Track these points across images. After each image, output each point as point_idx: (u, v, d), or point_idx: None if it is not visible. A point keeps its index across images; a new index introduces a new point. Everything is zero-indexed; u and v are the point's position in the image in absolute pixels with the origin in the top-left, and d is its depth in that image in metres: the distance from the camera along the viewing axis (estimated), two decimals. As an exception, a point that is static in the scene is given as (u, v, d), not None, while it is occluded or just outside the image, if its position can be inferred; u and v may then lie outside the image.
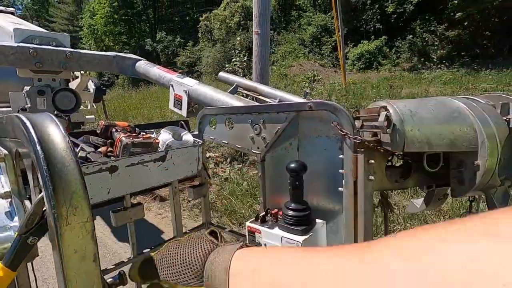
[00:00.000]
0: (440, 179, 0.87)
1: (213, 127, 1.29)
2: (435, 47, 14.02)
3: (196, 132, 1.31)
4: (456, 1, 12.93)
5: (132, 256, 1.10)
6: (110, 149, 0.93)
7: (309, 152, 1.07)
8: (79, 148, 0.88)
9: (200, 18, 22.07)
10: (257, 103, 1.18)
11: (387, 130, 0.74)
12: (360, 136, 0.87)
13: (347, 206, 0.88)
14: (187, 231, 1.30)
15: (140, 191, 1.01)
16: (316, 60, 15.67)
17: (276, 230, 0.96)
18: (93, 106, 3.70)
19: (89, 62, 1.59)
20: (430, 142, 0.74)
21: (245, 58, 5.16)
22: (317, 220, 1.00)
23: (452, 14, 13.32)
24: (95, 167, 0.81)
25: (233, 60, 5.25)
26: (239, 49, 5.32)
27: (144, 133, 1.05)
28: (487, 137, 0.73)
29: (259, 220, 1.01)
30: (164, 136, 1.07)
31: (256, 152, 1.12)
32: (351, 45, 15.59)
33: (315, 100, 0.92)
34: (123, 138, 0.87)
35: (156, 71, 1.60)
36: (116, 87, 22.33)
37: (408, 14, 14.85)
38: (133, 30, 29.91)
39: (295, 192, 0.95)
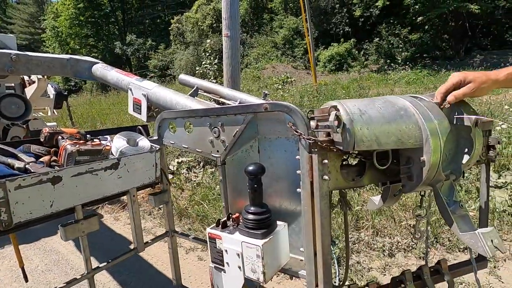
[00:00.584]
0: (393, 175, 0.90)
1: (173, 131, 1.25)
2: (400, 50, 14.75)
3: (156, 137, 1.26)
4: (417, 6, 13.70)
5: (86, 272, 1.03)
6: (54, 158, 0.86)
7: (270, 153, 1.06)
8: (15, 158, 0.80)
9: (172, 21, 21.67)
10: (216, 106, 1.16)
11: (337, 129, 0.75)
12: (314, 137, 0.87)
13: (305, 207, 0.88)
14: (149, 241, 1.24)
15: (92, 202, 0.95)
16: (289, 62, 15.91)
17: (237, 235, 0.94)
18: (54, 112, 3.48)
19: (39, 65, 1.48)
20: (379, 140, 0.76)
21: (216, 60, 5.11)
22: (278, 222, 1.00)
23: (413, 18, 14.09)
24: (34, 178, 0.74)
25: (203, 62, 5.18)
26: (210, 51, 5.25)
27: (95, 140, 0.99)
28: (430, 134, 0.76)
29: (220, 226, 0.98)
30: (118, 143, 1.01)
31: (216, 155, 1.09)
32: (322, 48, 15.99)
33: (270, 101, 0.91)
34: (68, 146, 0.81)
35: (114, 74, 1.52)
36: (84, 92, 21.32)
37: (374, 18, 15.50)
38: (101, 32, 28.74)
39: (254, 195, 0.93)
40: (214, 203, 2.98)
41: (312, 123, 0.87)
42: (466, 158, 0.83)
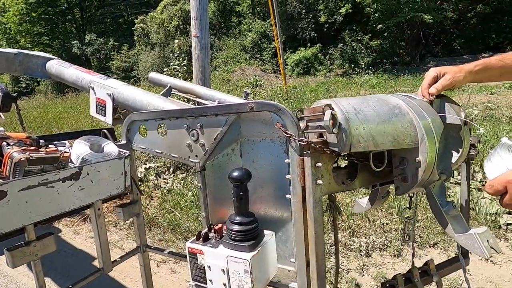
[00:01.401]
0: (384, 177, 0.87)
1: (144, 134, 1.12)
2: (362, 55, 15.53)
3: (124, 142, 1.13)
4: (376, 15, 14.54)
5: (40, 301, 0.87)
6: (-3, 168, 0.71)
7: (254, 157, 0.98)
8: None
9: (136, 21, 20.79)
10: (193, 106, 1.05)
11: (333, 130, 0.69)
12: (305, 138, 0.81)
13: (296, 214, 0.81)
14: (118, 259, 1.10)
15: (47, 220, 0.80)
16: (258, 65, 16.00)
17: (221, 249, 0.85)
18: (0, 116, 3.09)
19: (-21, 60, 1.27)
20: (375, 141, 0.72)
21: (185, 62, 4.93)
22: (265, 232, 0.92)
23: (374, 26, 14.93)
24: (-31, 195, 0.59)
25: (171, 64, 4.96)
26: (178, 52, 5.05)
27: (50, 146, 0.84)
28: (426, 133, 0.74)
29: (201, 239, 0.88)
30: (79, 149, 0.88)
31: (195, 161, 0.99)
32: (290, 52, 16.31)
33: (256, 100, 0.84)
34: (15, 154, 0.67)
35: (72, 71, 1.36)
36: (37, 94, 19.60)
37: (338, 24, 16.16)
38: (57, 30, 26.74)
39: (240, 204, 0.85)
40: (187, 211, 2.83)
41: (301, 123, 0.81)
42: (455, 157, 0.82)
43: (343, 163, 0.89)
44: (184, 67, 4.97)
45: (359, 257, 2.20)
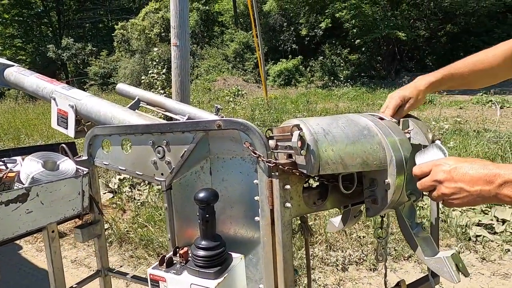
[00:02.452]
0: (355, 198, 0.85)
1: (107, 150, 1.06)
2: (341, 68, 16.03)
3: (85, 157, 1.05)
4: (355, 30, 15.13)
5: None
6: None
7: (224, 175, 0.94)
8: None
9: (116, 27, 20.41)
10: (160, 121, 1.00)
11: (301, 151, 0.67)
12: (275, 158, 0.78)
13: (265, 238, 0.77)
14: (74, 286, 1.00)
15: (-12, 246, 0.72)
16: (240, 75, 16.08)
17: (185, 276, 0.79)
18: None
19: None
20: (344, 163, 0.70)
21: (164, 70, 4.84)
22: (234, 255, 0.87)
23: (352, 40, 15.50)
24: None
25: (150, 72, 4.86)
26: (157, 60, 4.97)
27: (-4, 164, 0.76)
28: (394, 155, 0.73)
29: (164, 264, 0.82)
30: (30, 167, 0.80)
31: (160, 179, 0.93)
32: (272, 63, 16.55)
33: (224, 118, 0.80)
34: None
35: (33, 80, 1.27)
36: (6, 99, 18.57)
37: (318, 38, 16.65)
38: (31, 33, 25.69)
39: (206, 227, 0.80)
40: (161, 225, 2.72)
41: (271, 142, 0.78)
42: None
43: (314, 183, 0.86)
44: (163, 76, 4.88)
45: (336, 271, 2.18)
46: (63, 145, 0.98)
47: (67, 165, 0.89)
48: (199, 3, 20.04)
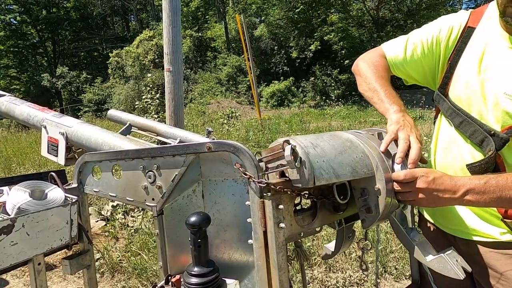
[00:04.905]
0: (344, 213, 0.85)
1: (97, 177, 1.04)
2: (332, 88, 16.44)
3: (74, 185, 1.03)
4: (343, 51, 15.70)
5: None
6: None
7: (216, 198, 0.93)
8: None
9: (110, 54, 20.83)
10: (152, 145, 1.00)
11: (295, 164, 0.68)
12: (266, 179, 0.78)
13: (259, 261, 0.75)
14: (61, 321, 0.95)
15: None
16: (233, 97, 16.34)
17: (177, 305, 0.76)
18: None
19: None
20: (336, 172, 0.71)
21: (158, 95, 4.90)
22: (228, 281, 0.84)
23: (341, 61, 16.04)
24: None
25: (144, 97, 4.92)
26: (151, 86, 5.04)
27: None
28: (379, 161, 0.75)
29: (155, 294, 0.79)
30: (16, 197, 0.78)
31: (151, 204, 0.92)
32: (264, 85, 16.92)
33: (215, 140, 0.81)
34: None
35: (24, 108, 1.27)
36: (-2, 128, 18.45)
37: (309, 59, 17.20)
38: (26, 63, 26.02)
39: (199, 252, 0.78)
40: (155, 252, 2.63)
41: (261, 165, 0.79)
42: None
43: (306, 204, 0.86)
44: (157, 101, 4.93)
45: (337, 294, 2.11)
46: (52, 173, 0.97)
47: (55, 193, 0.87)
48: (192, 30, 20.72)
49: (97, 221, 3.58)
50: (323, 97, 15.45)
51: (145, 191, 0.92)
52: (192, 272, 0.76)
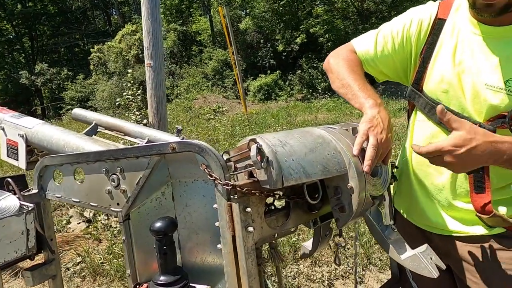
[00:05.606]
0: (318, 212, 0.82)
1: (59, 181, 0.98)
2: (319, 80, 16.45)
3: (35, 191, 0.96)
4: (329, 44, 15.71)
5: None
6: None
7: (187, 200, 0.88)
8: None
9: (92, 50, 20.17)
10: (118, 146, 0.94)
11: (262, 164, 0.64)
12: (235, 180, 0.74)
13: (228, 267, 0.72)
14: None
15: None
16: (220, 92, 16.15)
17: (143, 317, 0.71)
18: None
19: None
20: (306, 171, 0.68)
21: (139, 91, 4.76)
22: (199, 287, 0.81)
23: (327, 53, 15.99)
24: None
25: (124, 93, 4.77)
26: (132, 81, 4.88)
27: None
28: (351, 158, 0.72)
29: (121, 305, 0.74)
30: (-39, 207, 0.71)
31: (116, 209, 0.86)
32: (251, 78, 16.78)
33: (179, 140, 0.76)
34: None
35: (-20, 110, 1.17)
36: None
37: (295, 52, 17.13)
38: (2, 60, 24.90)
39: (165, 260, 0.73)
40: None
41: (230, 165, 0.74)
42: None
43: (279, 204, 0.82)
44: (139, 97, 4.80)
45: (322, 288, 2.12)
46: (9, 179, 0.90)
47: (8, 202, 0.81)
48: (176, 24, 20.25)
49: (79, 223, 3.48)
50: (310, 90, 15.46)
51: (109, 196, 0.86)
52: (158, 282, 0.72)
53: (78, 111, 1.22)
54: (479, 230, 0.89)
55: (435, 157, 0.76)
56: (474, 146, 0.72)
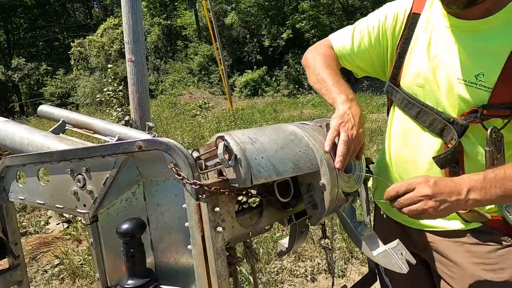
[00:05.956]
0: (292, 210, 0.81)
1: (22, 183, 0.93)
2: (305, 76, 16.47)
3: (-4, 193, 0.91)
4: (315, 39, 15.78)
5: None
6: None
7: (159, 200, 0.85)
8: None
9: (72, 44, 19.49)
10: (85, 145, 0.90)
11: (229, 162, 0.62)
12: (206, 179, 0.72)
13: (199, 268, 0.70)
14: None
15: None
16: (206, 88, 15.97)
17: (109, 322, 0.69)
18: None
19: None
20: (277, 169, 0.66)
21: (121, 87, 4.62)
22: (171, 290, 0.79)
23: (313, 49, 16.09)
24: None
25: (105, 89, 4.61)
26: (113, 77, 4.73)
27: None
28: (323, 154, 0.71)
29: (87, 311, 0.71)
30: None
31: (83, 211, 0.82)
32: (237, 74, 16.67)
33: (146, 138, 0.72)
34: None
35: None
36: None
37: (281, 48, 17.11)
38: (-24, 55, 23.73)
39: (133, 263, 0.70)
40: (119, 253, 2.51)
41: (200, 163, 0.72)
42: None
43: (255, 202, 0.81)
44: (120, 93, 4.66)
45: (305, 282, 2.13)
46: (-34, 181, 0.84)
47: (-36, 205, 0.75)
48: (160, 18, 19.80)
49: (58, 223, 3.37)
50: (297, 86, 15.51)
51: (75, 197, 0.82)
52: (125, 286, 0.69)
53: (44, 108, 1.16)
54: (456, 225, 0.90)
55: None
56: (438, 178, 0.73)
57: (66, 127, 1.05)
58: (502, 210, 0.83)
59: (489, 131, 0.78)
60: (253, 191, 0.78)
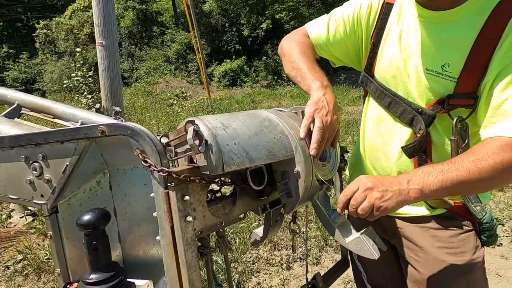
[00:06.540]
0: (266, 198, 0.79)
1: (-31, 171, 0.83)
2: (284, 67, 16.54)
3: None
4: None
5: None
6: None
7: (126, 189, 0.80)
8: None
9: (37, 26, 18.13)
10: (36, 131, 0.82)
11: (199, 148, 0.58)
12: (175, 166, 0.68)
13: (168, 259, 0.66)
14: None
15: None
16: (184, 77, 15.54)
17: (71, 320, 0.64)
18: None
19: None
20: (250, 156, 0.64)
21: (91, 72, 4.35)
22: (139, 282, 0.74)
23: (293, 41, 16.08)
24: None
25: (73, 75, 4.32)
26: (82, 62, 4.43)
27: None
28: (298, 142, 0.69)
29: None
30: None
31: (40, 202, 0.76)
32: (216, 63, 16.33)
33: (109, 123, 0.67)
34: None
35: None
36: None
37: (261, 38, 16.93)
38: None
39: (96, 256, 0.65)
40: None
41: (170, 149, 0.68)
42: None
43: (228, 190, 0.78)
44: (90, 79, 4.39)
45: (281, 271, 2.16)
46: None
47: None
48: (135, 2, 18.85)
49: (22, 216, 3.17)
50: (275, 77, 15.50)
51: (31, 186, 0.75)
52: (88, 280, 0.64)
53: (-4, 90, 1.05)
54: (422, 211, 0.93)
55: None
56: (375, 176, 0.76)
57: (22, 111, 0.96)
58: (467, 202, 0.87)
59: (454, 120, 0.81)
60: (226, 179, 0.75)
